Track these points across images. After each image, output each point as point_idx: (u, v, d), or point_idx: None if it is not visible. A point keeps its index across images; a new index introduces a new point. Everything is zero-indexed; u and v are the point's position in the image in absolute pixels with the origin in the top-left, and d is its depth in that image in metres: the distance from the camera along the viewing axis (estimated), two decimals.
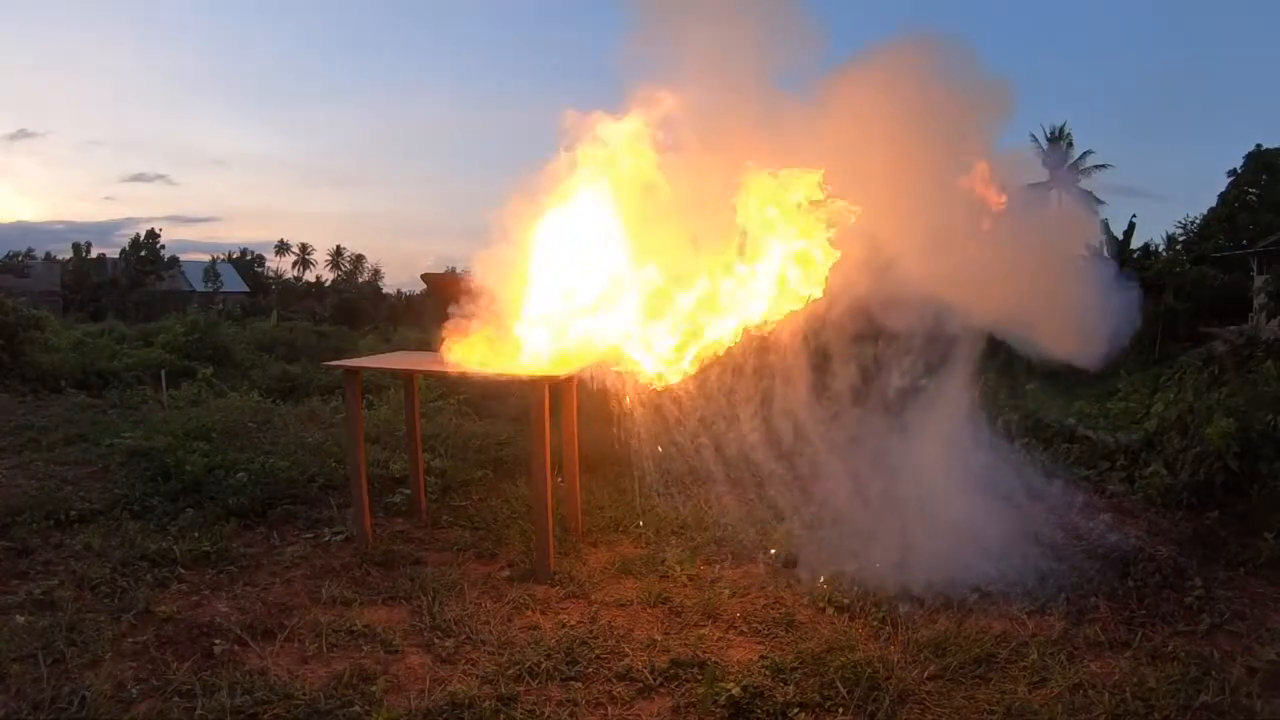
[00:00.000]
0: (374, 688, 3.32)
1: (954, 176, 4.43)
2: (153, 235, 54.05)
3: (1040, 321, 4.44)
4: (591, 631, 3.85)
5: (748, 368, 4.76)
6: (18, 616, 3.86)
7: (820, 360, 4.80)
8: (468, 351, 4.73)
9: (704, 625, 3.96)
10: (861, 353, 4.90)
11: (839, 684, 3.33)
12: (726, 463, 6.23)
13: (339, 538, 5.11)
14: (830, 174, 4.30)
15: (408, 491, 5.87)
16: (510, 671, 3.44)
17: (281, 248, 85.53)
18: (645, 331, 4.50)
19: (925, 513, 5.17)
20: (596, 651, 3.64)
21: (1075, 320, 4.39)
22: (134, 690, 3.26)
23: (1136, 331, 4.89)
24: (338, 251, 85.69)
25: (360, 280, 79.28)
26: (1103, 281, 4.70)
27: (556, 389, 5.08)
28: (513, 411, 8.63)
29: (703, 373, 4.65)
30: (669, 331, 4.48)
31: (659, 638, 3.80)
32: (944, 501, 5.13)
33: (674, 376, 4.53)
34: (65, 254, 56.09)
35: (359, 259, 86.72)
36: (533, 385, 4.54)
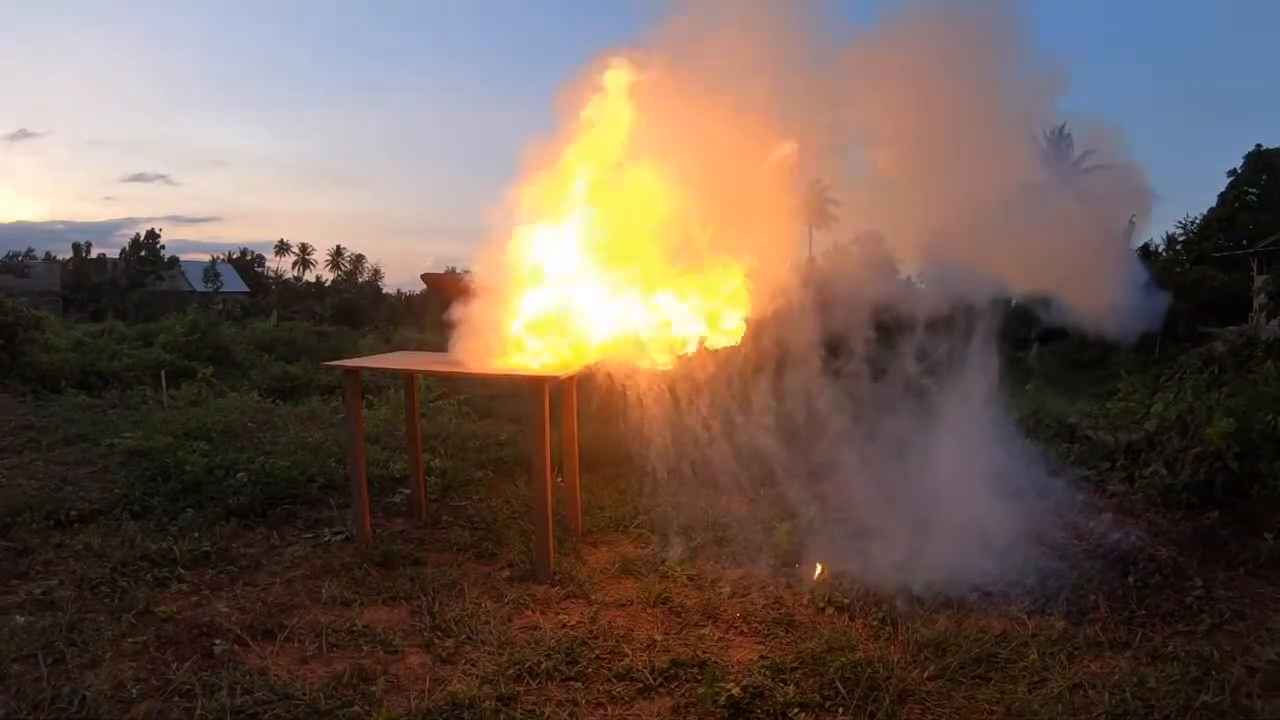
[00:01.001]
0: (374, 688, 3.32)
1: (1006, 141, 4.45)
2: (153, 235, 54.16)
3: (1087, 287, 4.46)
4: (591, 631, 3.85)
5: (747, 363, 4.76)
6: (18, 616, 3.86)
7: (824, 354, 4.80)
8: (469, 351, 4.73)
9: (704, 625, 3.96)
10: (866, 347, 4.90)
11: (839, 684, 3.33)
12: (727, 460, 6.21)
13: (339, 538, 5.11)
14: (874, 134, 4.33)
15: (408, 491, 5.88)
16: (510, 671, 3.44)
17: (281, 248, 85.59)
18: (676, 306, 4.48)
19: (926, 512, 5.17)
20: (596, 651, 3.64)
21: (1118, 289, 4.43)
22: (134, 690, 3.26)
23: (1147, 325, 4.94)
24: (338, 251, 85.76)
25: (360, 280, 79.25)
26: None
27: (557, 389, 5.07)
28: (513, 411, 8.63)
29: (703, 365, 4.64)
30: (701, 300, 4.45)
31: (659, 638, 3.80)
32: (944, 500, 5.12)
33: (726, 337, 4.50)
34: (65, 254, 56.11)
35: (359, 259, 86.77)
36: (533, 385, 4.54)
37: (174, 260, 56.78)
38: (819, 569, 4.50)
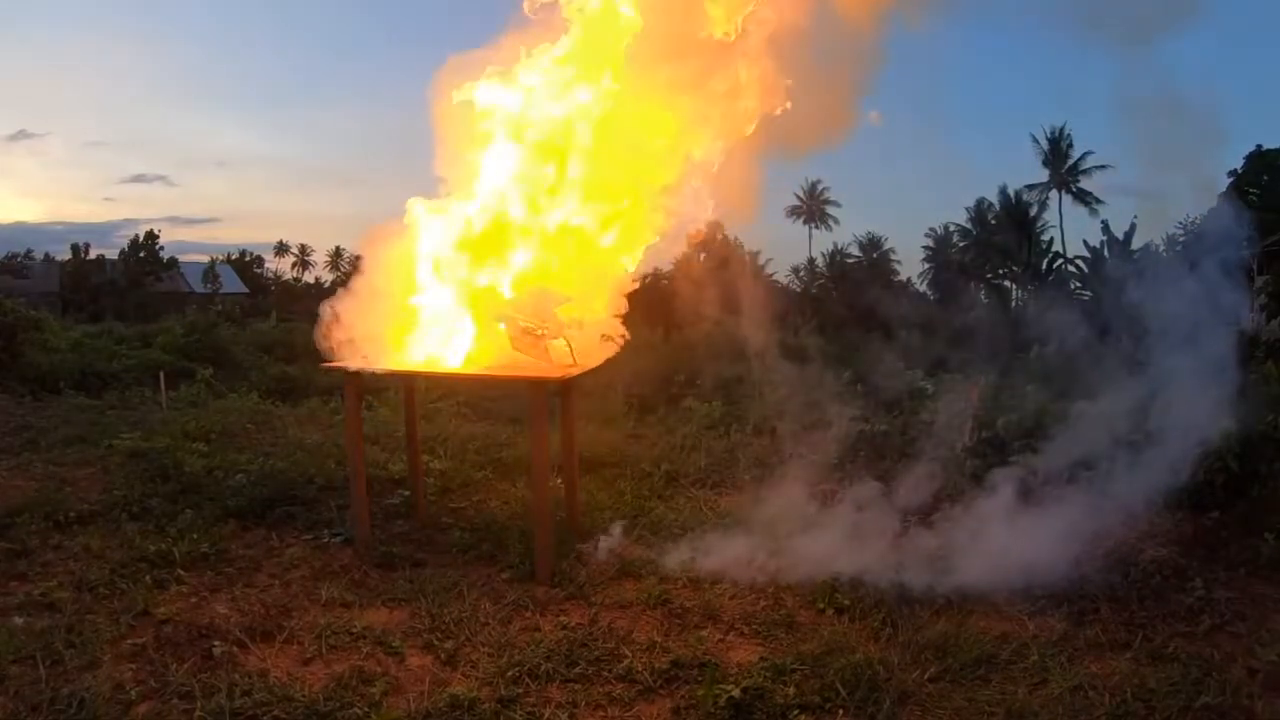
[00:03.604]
0: (374, 689, 3.32)
1: None
2: (152, 236, 53.99)
3: None
4: (591, 633, 3.84)
5: (745, 361, 4.76)
6: (16, 618, 3.86)
7: (821, 354, 4.80)
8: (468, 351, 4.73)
9: (704, 626, 3.95)
10: (860, 348, 4.90)
11: (839, 685, 3.32)
12: (727, 461, 6.22)
13: (338, 539, 5.09)
14: None
15: (407, 493, 5.86)
16: (510, 673, 3.43)
17: (281, 249, 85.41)
18: None
19: (926, 512, 5.17)
20: (596, 653, 3.63)
21: None
22: (133, 692, 3.25)
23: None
24: (337, 252, 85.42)
25: None
26: None
27: (555, 390, 5.06)
28: (512, 413, 8.62)
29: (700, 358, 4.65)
30: None
31: (659, 639, 3.79)
32: (944, 501, 5.12)
33: None
34: (64, 255, 55.92)
35: (358, 260, 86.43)
36: (532, 387, 4.54)
37: (173, 261, 56.59)
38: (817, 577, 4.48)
